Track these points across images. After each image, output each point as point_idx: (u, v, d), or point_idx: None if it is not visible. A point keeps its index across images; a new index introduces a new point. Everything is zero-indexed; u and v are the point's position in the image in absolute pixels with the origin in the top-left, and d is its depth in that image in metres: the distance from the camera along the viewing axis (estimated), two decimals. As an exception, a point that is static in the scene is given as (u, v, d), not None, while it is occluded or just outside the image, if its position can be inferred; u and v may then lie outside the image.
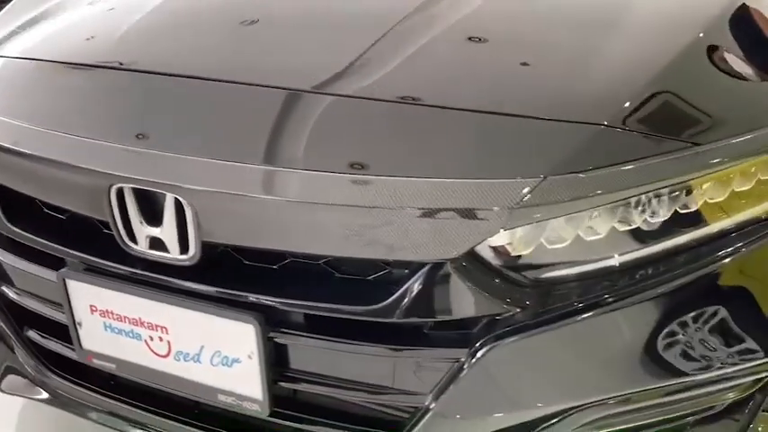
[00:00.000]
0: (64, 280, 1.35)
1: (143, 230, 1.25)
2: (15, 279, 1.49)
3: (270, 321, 1.22)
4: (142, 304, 1.30)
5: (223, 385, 1.30)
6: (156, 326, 1.30)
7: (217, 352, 1.27)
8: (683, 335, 1.21)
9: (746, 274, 1.24)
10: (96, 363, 1.41)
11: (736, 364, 1.23)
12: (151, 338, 1.32)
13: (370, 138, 1.20)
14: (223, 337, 1.25)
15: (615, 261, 1.18)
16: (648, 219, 1.16)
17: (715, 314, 1.22)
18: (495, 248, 1.15)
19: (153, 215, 1.23)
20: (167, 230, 1.22)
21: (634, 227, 1.16)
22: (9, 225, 1.41)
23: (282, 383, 1.29)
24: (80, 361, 1.43)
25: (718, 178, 1.19)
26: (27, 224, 1.40)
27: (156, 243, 1.24)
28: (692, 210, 1.18)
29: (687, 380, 1.22)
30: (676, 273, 1.19)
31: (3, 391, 1.65)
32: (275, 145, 1.21)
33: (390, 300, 1.16)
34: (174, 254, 1.24)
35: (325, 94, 1.25)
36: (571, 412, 1.21)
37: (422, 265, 1.15)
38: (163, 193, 1.20)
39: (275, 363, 1.26)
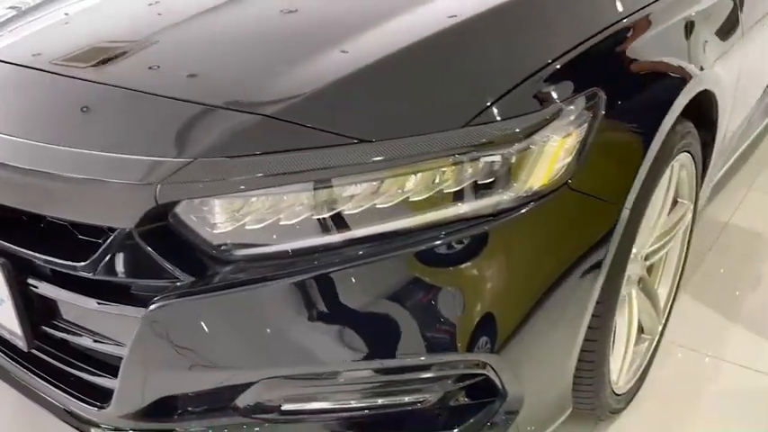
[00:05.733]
0: None
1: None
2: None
3: (19, 269, 1.44)
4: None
5: (2, 321, 1.54)
6: (-38, 267, 1.57)
7: (-6, 292, 1.52)
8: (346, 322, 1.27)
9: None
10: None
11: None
12: (-37, 278, 1.59)
13: (77, 116, 1.37)
14: (-6, 280, 1.49)
15: (288, 246, 1.27)
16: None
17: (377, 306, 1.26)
18: (191, 221, 1.29)
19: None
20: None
21: (305, 216, 1.24)
22: None
23: (41, 325, 1.50)
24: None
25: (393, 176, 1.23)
26: None
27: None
28: (353, 208, 1.23)
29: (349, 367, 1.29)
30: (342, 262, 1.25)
31: None
32: (25, 120, 1.42)
33: (91, 258, 1.34)
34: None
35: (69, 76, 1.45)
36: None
37: (114, 230, 1.32)
38: None
39: (29, 305, 1.48)
